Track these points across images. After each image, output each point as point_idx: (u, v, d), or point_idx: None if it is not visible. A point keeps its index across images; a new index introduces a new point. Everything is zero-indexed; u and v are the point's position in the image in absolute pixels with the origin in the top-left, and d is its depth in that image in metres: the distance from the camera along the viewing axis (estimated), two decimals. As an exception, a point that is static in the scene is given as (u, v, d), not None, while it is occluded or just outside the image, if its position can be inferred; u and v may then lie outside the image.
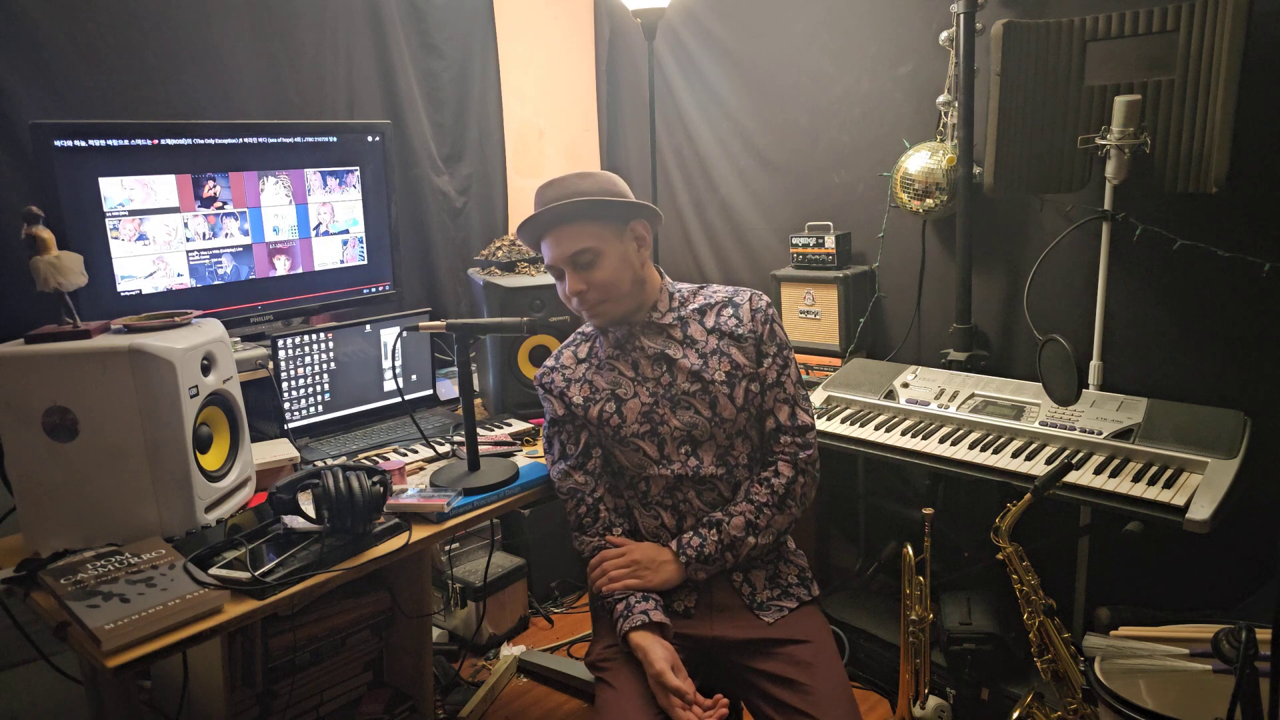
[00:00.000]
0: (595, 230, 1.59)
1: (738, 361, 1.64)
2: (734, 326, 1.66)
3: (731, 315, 1.67)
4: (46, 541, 1.50)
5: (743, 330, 1.65)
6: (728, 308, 1.68)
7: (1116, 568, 2.27)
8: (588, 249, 1.58)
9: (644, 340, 1.67)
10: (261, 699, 1.90)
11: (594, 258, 1.59)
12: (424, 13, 2.88)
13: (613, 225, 1.61)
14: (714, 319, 1.67)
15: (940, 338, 2.65)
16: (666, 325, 1.67)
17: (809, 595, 1.68)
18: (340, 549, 1.49)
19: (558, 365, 1.74)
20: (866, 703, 2.38)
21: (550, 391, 1.73)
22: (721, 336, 1.65)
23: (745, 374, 1.64)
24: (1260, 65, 1.98)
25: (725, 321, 1.66)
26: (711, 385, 1.62)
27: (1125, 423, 2.02)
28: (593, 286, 1.60)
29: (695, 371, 1.63)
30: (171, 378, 1.48)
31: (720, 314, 1.67)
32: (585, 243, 1.58)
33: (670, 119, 3.31)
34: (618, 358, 1.69)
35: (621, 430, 1.65)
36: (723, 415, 1.62)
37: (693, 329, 1.67)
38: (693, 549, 1.60)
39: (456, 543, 2.78)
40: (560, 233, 1.59)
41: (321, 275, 2.37)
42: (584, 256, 1.58)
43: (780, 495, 1.62)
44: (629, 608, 1.56)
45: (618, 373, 1.68)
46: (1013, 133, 2.20)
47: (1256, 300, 2.10)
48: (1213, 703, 1.45)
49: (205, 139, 2.09)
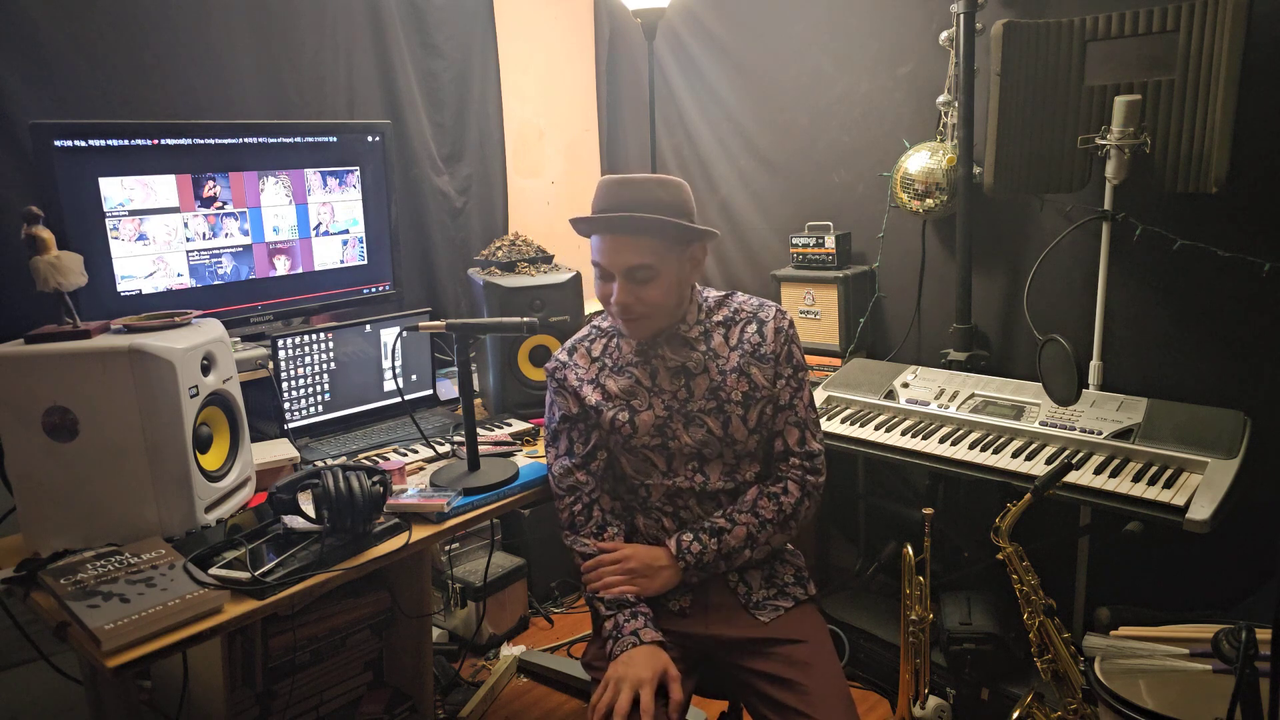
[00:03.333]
0: (659, 248, 1.53)
1: (757, 382, 1.61)
2: (757, 345, 1.63)
3: (756, 333, 1.64)
4: (46, 541, 1.50)
5: (765, 350, 1.62)
6: (752, 324, 1.65)
7: (1116, 568, 2.27)
8: (648, 265, 1.52)
9: (666, 350, 1.64)
10: (261, 699, 1.90)
11: (651, 275, 1.53)
12: (424, 13, 2.88)
13: (677, 246, 1.55)
14: (738, 335, 1.64)
15: (940, 338, 2.65)
16: (692, 339, 1.64)
17: (805, 594, 1.67)
18: (340, 549, 1.50)
19: (570, 362, 1.71)
20: (866, 703, 2.38)
21: (564, 388, 1.69)
22: (744, 354, 1.62)
23: (762, 396, 1.62)
24: (1260, 65, 1.98)
25: (749, 339, 1.63)
26: (727, 405, 1.60)
27: (1125, 423, 2.03)
28: (641, 302, 1.55)
29: (713, 389, 1.61)
30: (171, 378, 1.48)
31: (745, 330, 1.64)
32: (647, 259, 1.52)
33: (670, 119, 3.31)
34: (637, 364, 1.65)
35: (632, 440, 1.63)
36: (734, 436, 1.61)
37: (715, 343, 1.64)
38: (692, 555, 1.58)
39: (456, 543, 2.78)
40: (624, 241, 1.52)
41: (321, 275, 2.37)
42: (642, 273, 1.53)
43: (785, 515, 1.62)
44: (618, 628, 1.52)
45: (635, 380, 1.65)
46: (1013, 133, 2.20)
47: (1256, 300, 2.10)
48: (1213, 703, 1.45)
49: (205, 139, 2.09)
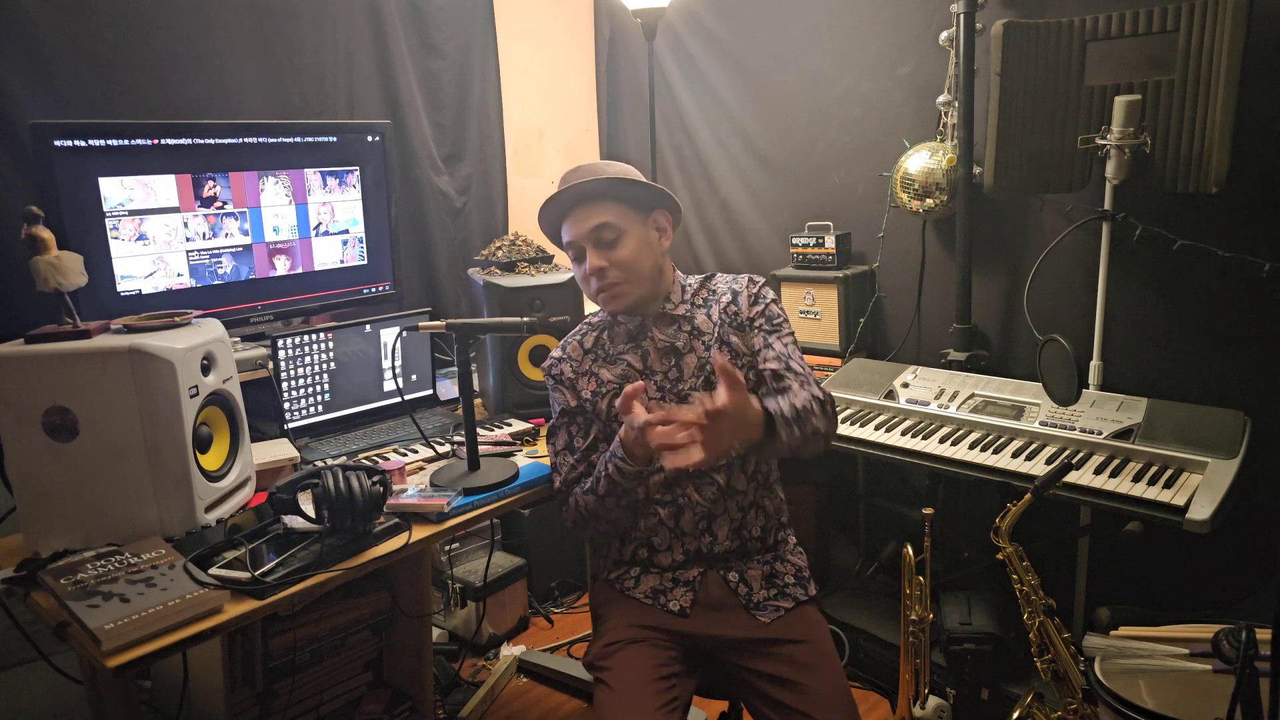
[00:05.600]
0: (619, 210, 1.61)
1: (738, 350, 1.66)
2: (735, 314, 1.68)
3: (731, 302, 1.69)
4: (46, 541, 1.50)
5: (741, 317, 1.68)
6: (727, 295, 1.70)
7: (1116, 568, 2.26)
8: (610, 224, 1.60)
9: (655, 332, 1.69)
10: (261, 699, 1.90)
11: (616, 235, 1.60)
12: (424, 13, 2.88)
13: (636, 211, 1.63)
14: (718, 310, 1.69)
15: (940, 338, 2.65)
16: (679, 316, 1.69)
17: (806, 595, 1.67)
18: (340, 549, 1.49)
19: (565, 356, 1.75)
20: (866, 703, 2.38)
21: (560, 382, 1.74)
22: (722, 326, 1.67)
23: (744, 364, 1.65)
24: (1260, 65, 1.98)
25: (728, 308, 1.69)
26: (714, 378, 1.62)
27: (1125, 423, 2.02)
28: (614, 264, 1.60)
29: (700, 365, 1.65)
30: (171, 378, 1.48)
31: (723, 302, 1.70)
32: (607, 217, 1.60)
33: (670, 119, 3.31)
34: (629, 350, 1.70)
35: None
36: None
37: (699, 320, 1.69)
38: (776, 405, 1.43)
39: (456, 543, 2.78)
40: (583, 211, 1.61)
41: (321, 275, 2.37)
42: (606, 233, 1.60)
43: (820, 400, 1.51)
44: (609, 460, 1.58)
45: (626, 365, 1.69)
46: (1013, 133, 2.20)
47: (1256, 300, 2.10)
48: (1213, 703, 1.45)
49: (205, 139, 2.09)
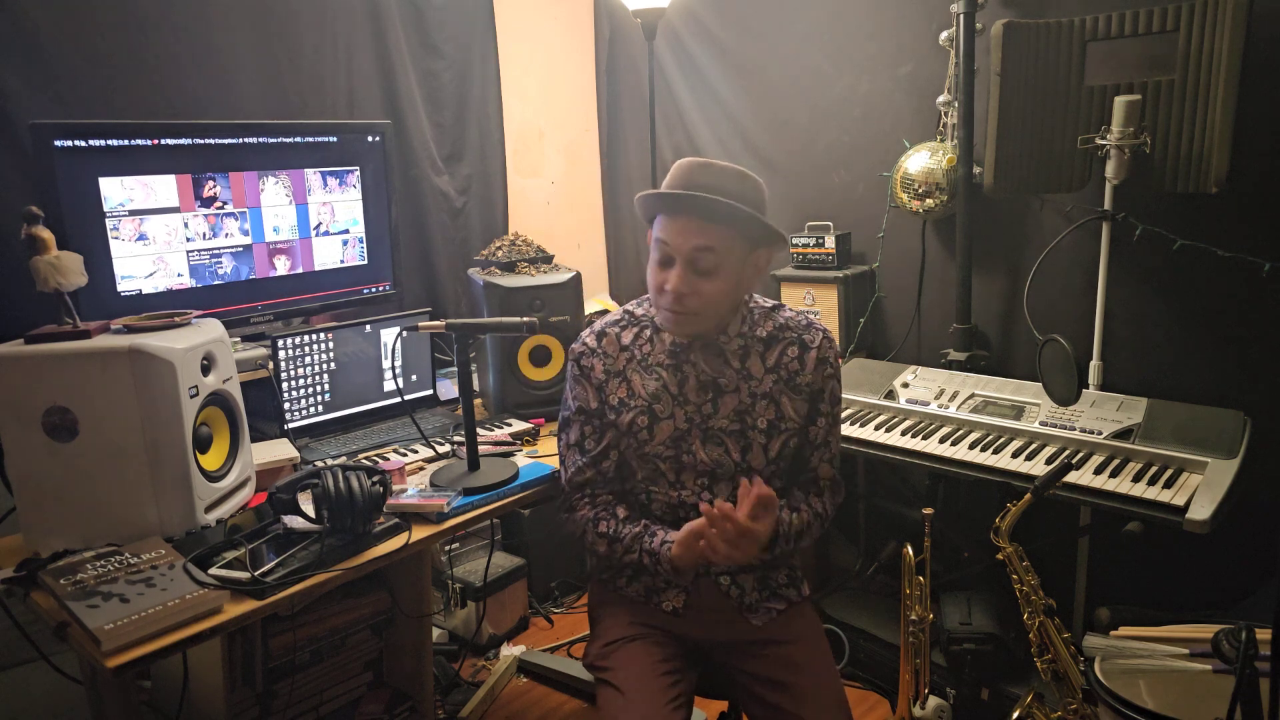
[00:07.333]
0: (727, 237, 1.46)
1: (785, 413, 1.58)
2: (794, 372, 1.58)
3: (796, 359, 1.59)
4: (46, 541, 1.50)
5: (801, 380, 1.58)
6: (794, 346, 1.59)
7: (1116, 568, 2.27)
8: (713, 249, 1.45)
9: (700, 360, 1.58)
10: (261, 699, 1.90)
11: (714, 266, 1.47)
12: (424, 13, 2.88)
13: (743, 243, 1.49)
14: (776, 356, 1.59)
15: (940, 338, 2.65)
16: (729, 351, 1.58)
17: (799, 596, 1.66)
18: (340, 549, 1.49)
19: (600, 349, 1.63)
20: (866, 703, 2.38)
21: (587, 378, 1.63)
22: (778, 380, 1.58)
23: (788, 428, 1.59)
24: (1260, 65, 1.98)
25: (788, 364, 1.59)
26: (750, 431, 1.57)
27: (1125, 423, 2.02)
28: (696, 294, 1.48)
29: (740, 411, 1.57)
30: (171, 378, 1.48)
31: (786, 352, 1.59)
32: (714, 242, 1.45)
33: (670, 119, 3.31)
34: (668, 367, 1.59)
35: (646, 447, 1.59)
36: (751, 464, 1.58)
37: (752, 362, 1.58)
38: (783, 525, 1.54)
39: (456, 543, 2.78)
40: (691, 222, 1.46)
41: (321, 275, 2.37)
42: (706, 259, 1.46)
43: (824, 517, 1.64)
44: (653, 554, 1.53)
45: (662, 384, 1.58)
46: (1013, 133, 2.20)
47: (1256, 300, 2.10)
48: (1213, 703, 1.45)
49: (205, 139, 2.09)
